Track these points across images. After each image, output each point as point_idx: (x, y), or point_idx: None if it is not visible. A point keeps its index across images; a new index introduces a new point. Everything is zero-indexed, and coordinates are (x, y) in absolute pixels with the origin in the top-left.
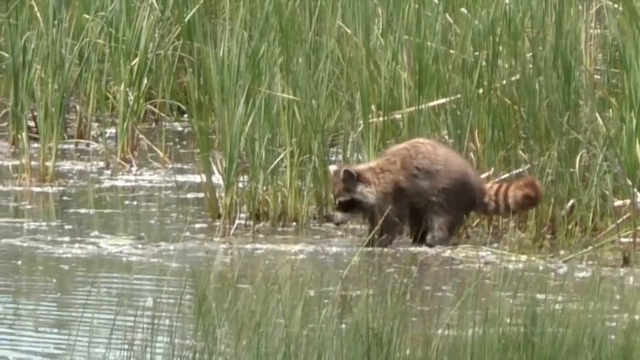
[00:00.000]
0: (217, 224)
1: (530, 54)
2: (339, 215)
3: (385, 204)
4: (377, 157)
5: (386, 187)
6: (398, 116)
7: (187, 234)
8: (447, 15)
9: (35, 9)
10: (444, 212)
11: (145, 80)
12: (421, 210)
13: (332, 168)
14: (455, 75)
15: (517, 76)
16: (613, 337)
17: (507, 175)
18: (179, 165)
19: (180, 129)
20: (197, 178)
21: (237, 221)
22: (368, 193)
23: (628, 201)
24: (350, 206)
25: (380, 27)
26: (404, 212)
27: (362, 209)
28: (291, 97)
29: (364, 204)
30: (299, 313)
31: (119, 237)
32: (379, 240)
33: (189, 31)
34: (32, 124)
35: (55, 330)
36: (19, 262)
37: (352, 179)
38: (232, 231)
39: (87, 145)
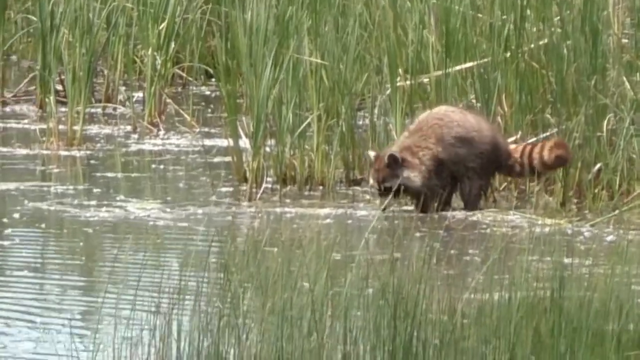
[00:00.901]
0: (244, 188)
1: (558, 17)
2: (384, 201)
3: (431, 180)
4: (407, 133)
5: (429, 165)
6: (425, 80)
7: (214, 198)
8: None
9: None
10: (477, 177)
11: (172, 44)
12: (457, 176)
13: (372, 154)
14: (482, 39)
15: (545, 40)
16: (639, 300)
17: (534, 139)
18: (206, 129)
19: (207, 93)
20: (224, 142)
21: (264, 185)
22: (415, 177)
23: None
24: (397, 191)
25: None
26: (446, 181)
27: (407, 192)
28: (319, 60)
29: (411, 188)
30: (324, 277)
31: (146, 201)
32: (422, 210)
33: None
34: (59, 87)
35: (83, 293)
36: (46, 226)
37: (396, 164)
38: (259, 195)
39: (115, 109)
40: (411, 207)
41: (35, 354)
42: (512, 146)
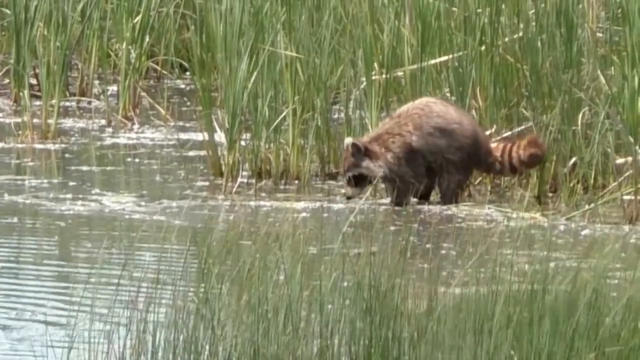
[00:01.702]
0: (220, 182)
1: (533, 11)
2: (349, 190)
3: (400, 168)
4: (386, 120)
5: (398, 152)
6: (400, 74)
7: (190, 192)
8: None
9: None
10: (456, 171)
11: (147, 38)
12: (436, 169)
13: (346, 141)
14: (457, 33)
15: (520, 34)
16: (615, 294)
17: (509, 133)
18: (181, 123)
19: (182, 86)
20: (199, 136)
21: (239, 179)
22: (375, 167)
23: (630, 159)
24: (359, 180)
25: None
26: (420, 171)
27: (370, 182)
28: (294, 54)
29: (372, 178)
30: (299, 271)
31: (121, 195)
32: (395, 201)
33: None
34: (34, 81)
35: (58, 287)
36: (21, 220)
37: (359, 153)
38: (234, 189)
39: (89, 102)
40: (387, 200)
41: (9, 348)
42: (493, 144)
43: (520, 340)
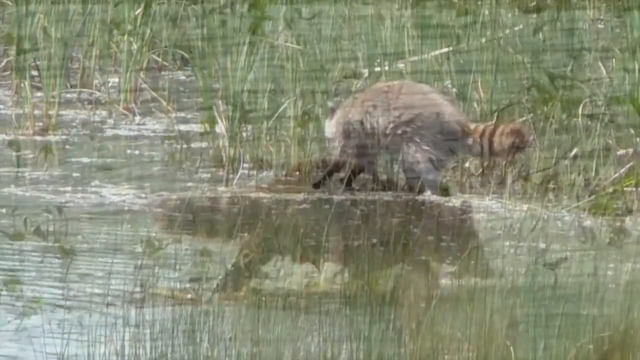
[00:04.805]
0: (221, 173)
1: (534, 3)
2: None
3: (335, 135)
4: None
5: (338, 119)
6: (402, 65)
7: (190, 183)
8: None
9: None
10: (421, 142)
11: (148, 30)
12: (390, 146)
13: None
14: (458, 24)
15: (521, 26)
16: (613, 285)
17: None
18: (182, 115)
19: (183, 78)
20: (200, 127)
21: (240, 171)
22: (326, 127)
23: (631, 150)
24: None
25: None
26: (348, 144)
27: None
28: (294, 46)
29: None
30: (300, 262)
31: (122, 187)
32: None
33: None
34: (35, 73)
35: (56, 282)
36: (22, 212)
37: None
38: (235, 181)
39: (90, 94)
40: (387, 192)
41: (8, 342)
42: (472, 125)
43: (517, 332)
